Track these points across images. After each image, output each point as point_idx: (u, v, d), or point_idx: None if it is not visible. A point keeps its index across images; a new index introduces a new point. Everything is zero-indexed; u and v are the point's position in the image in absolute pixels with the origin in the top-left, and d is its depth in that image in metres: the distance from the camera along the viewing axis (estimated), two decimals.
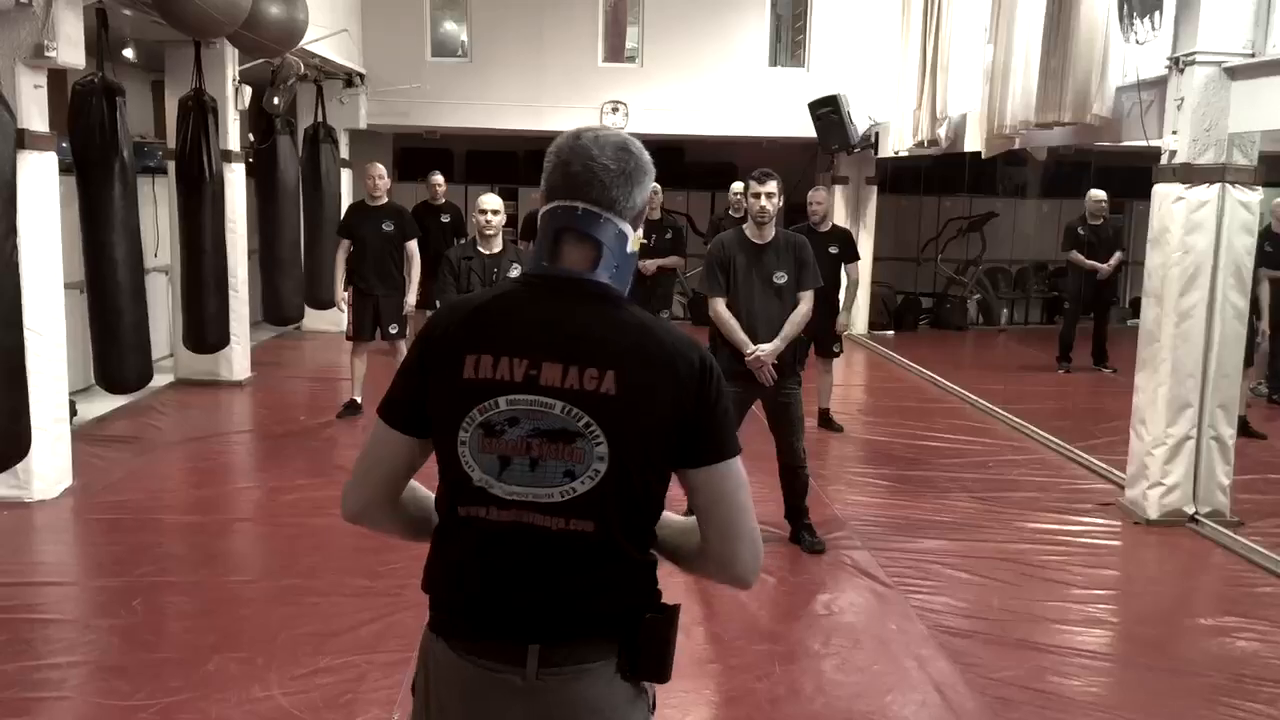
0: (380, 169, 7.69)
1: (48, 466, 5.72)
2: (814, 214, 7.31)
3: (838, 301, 7.44)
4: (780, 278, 5.08)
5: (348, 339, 7.80)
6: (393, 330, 7.58)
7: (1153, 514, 5.85)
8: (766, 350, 4.99)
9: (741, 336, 5.02)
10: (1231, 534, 5.64)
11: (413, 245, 7.66)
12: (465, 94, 12.21)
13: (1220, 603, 4.95)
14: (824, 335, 7.07)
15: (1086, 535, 5.77)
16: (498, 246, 5.91)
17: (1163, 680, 4.15)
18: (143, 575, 4.80)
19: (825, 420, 7.84)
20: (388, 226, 7.57)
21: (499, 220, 5.90)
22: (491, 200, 5.95)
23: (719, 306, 5.09)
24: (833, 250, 7.29)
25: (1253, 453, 7.00)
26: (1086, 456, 7.18)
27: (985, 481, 6.70)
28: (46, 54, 5.36)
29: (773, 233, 5.14)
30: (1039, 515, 6.06)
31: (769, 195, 5.02)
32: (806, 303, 5.11)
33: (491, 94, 12.21)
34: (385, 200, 7.67)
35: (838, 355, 7.72)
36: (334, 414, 7.83)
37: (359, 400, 7.73)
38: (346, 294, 7.75)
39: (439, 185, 10.47)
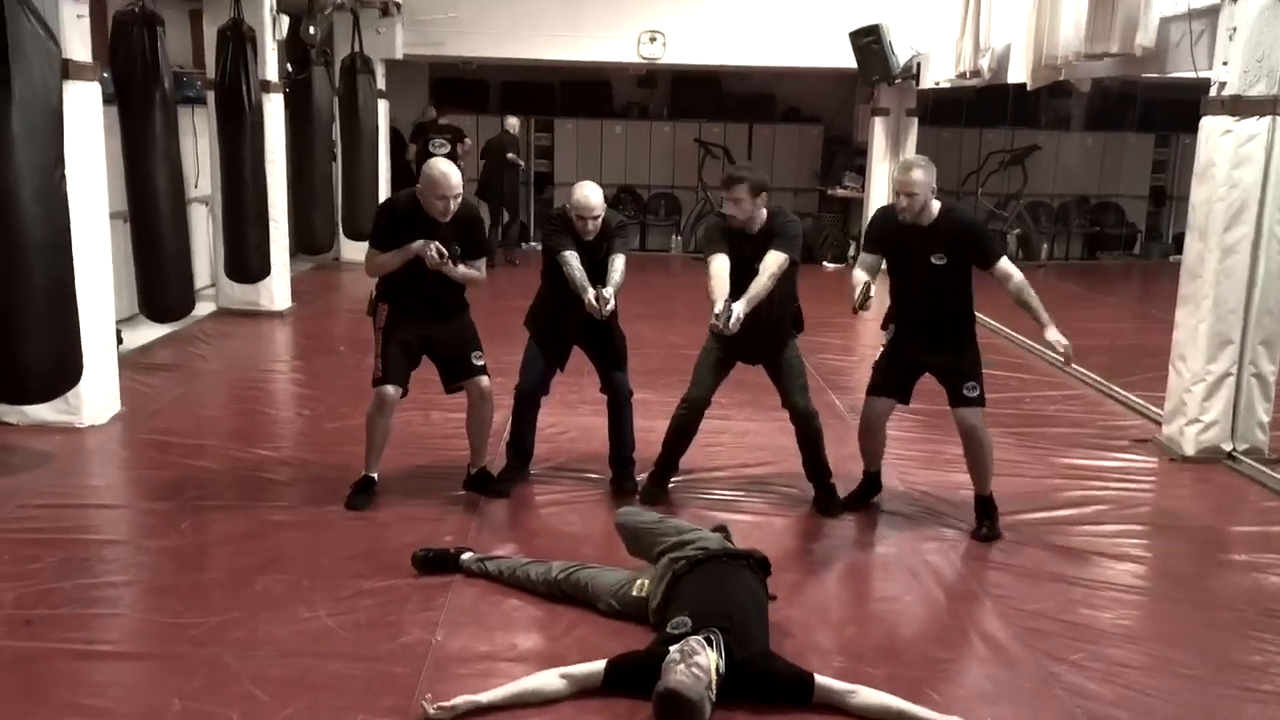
0: (458, 183, 4.60)
1: (96, 393, 5.85)
2: (902, 210, 4.52)
3: (967, 328, 4.72)
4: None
5: (374, 384, 4.81)
6: (478, 359, 4.91)
7: (1189, 450, 5.83)
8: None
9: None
10: (1269, 471, 5.61)
11: (483, 264, 4.90)
12: (501, 23, 12.08)
13: (1255, 539, 4.94)
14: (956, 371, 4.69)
15: (1122, 471, 5.77)
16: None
17: (1194, 614, 4.18)
18: (190, 499, 4.93)
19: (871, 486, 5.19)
20: (455, 248, 4.69)
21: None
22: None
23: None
24: (936, 260, 4.55)
25: None
26: (1124, 393, 7.15)
27: (1021, 417, 6.69)
28: None
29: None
30: (1074, 451, 6.06)
31: (736, 201, 4.59)
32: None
33: (528, 23, 12.07)
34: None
35: (969, 403, 4.65)
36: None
37: (374, 476, 4.95)
38: (381, 311, 4.86)
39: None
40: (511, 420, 5.22)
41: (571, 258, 4.80)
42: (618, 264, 4.87)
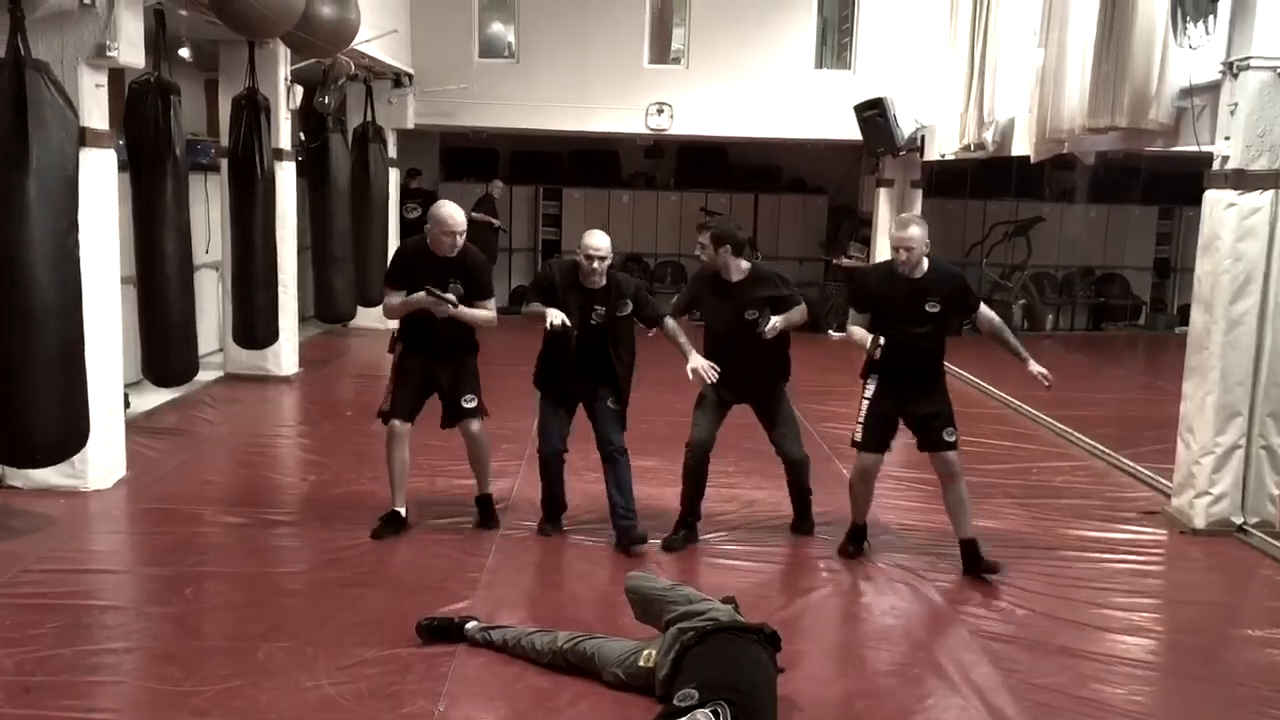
0: (463, 220, 5.09)
1: (102, 457, 5.85)
2: (901, 264, 4.93)
3: (942, 376, 5.20)
4: (751, 314, 5.17)
5: (379, 415, 5.31)
6: (468, 402, 5.23)
7: (1199, 523, 5.79)
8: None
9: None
10: None
11: (491, 305, 5.25)
12: (512, 95, 12.30)
13: (1268, 614, 4.89)
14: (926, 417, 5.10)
15: (1131, 543, 5.72)
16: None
17: (1207, 690, 4.12)
18: (193, 565, 4.91)
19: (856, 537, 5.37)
20: (456, 287, 5.08)
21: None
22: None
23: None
24: (931, 308, 4.97)
25: None
26: (1132, 464, 7.11)
27: (1028, 487, 6.66)
28: (108, 54, 5.48)
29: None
30: (1083, 523, 6.01)
31: (701, 247, 5.29)
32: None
33: (538, 95, 12.29)
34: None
35: (951, 447, 5.12)
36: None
37: (402, 511, 5.32)
38: (397, 348, 5.29)
39: None
40: (541, 481, 5.40)
41: (531, 300, 5.18)
42: (670, 329, 5.18)
